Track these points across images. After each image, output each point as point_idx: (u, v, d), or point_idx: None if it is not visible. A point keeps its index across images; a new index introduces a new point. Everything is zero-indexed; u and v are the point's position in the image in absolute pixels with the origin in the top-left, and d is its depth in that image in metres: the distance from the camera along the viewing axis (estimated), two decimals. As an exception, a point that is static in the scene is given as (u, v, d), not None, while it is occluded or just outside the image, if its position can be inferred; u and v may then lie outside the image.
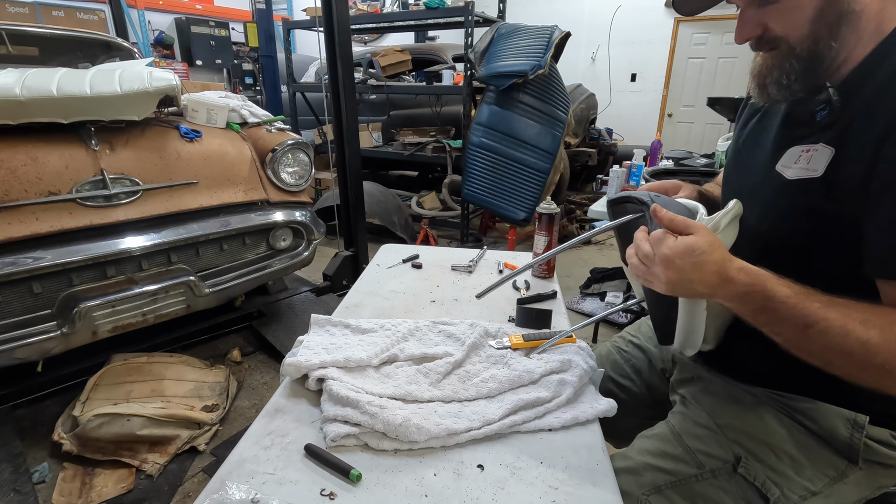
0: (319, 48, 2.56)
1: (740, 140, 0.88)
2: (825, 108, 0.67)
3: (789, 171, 0.71)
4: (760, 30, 0.69)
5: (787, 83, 0.69)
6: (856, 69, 0.66)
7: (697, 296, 0.66)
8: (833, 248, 0.67)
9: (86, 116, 1.63)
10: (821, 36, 0.65)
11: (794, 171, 0.70)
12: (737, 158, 0.87)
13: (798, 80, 0.68)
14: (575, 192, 5.18)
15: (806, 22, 0.65)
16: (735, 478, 0.72)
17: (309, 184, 2.28)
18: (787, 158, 0.72)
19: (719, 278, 0.62)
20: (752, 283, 0.62)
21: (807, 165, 0.68)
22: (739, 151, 0.87)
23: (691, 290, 0.64)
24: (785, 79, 0.69)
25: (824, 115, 0.67)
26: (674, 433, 0.80)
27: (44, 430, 1.72)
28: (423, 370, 0.85)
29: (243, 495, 0.61)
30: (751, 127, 0.86)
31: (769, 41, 0.70)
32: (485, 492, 0.63)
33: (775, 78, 0.70)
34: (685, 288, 0.64)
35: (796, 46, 0.67)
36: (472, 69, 3.56)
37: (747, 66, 6.28)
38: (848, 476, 0.71)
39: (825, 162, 0.66)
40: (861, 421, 0.71)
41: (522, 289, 1.23)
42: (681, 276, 0.62)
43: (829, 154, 0.66)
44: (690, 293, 0.66)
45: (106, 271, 1.70)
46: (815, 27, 0.65)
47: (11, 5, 4.79)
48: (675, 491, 0.73)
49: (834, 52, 0.66)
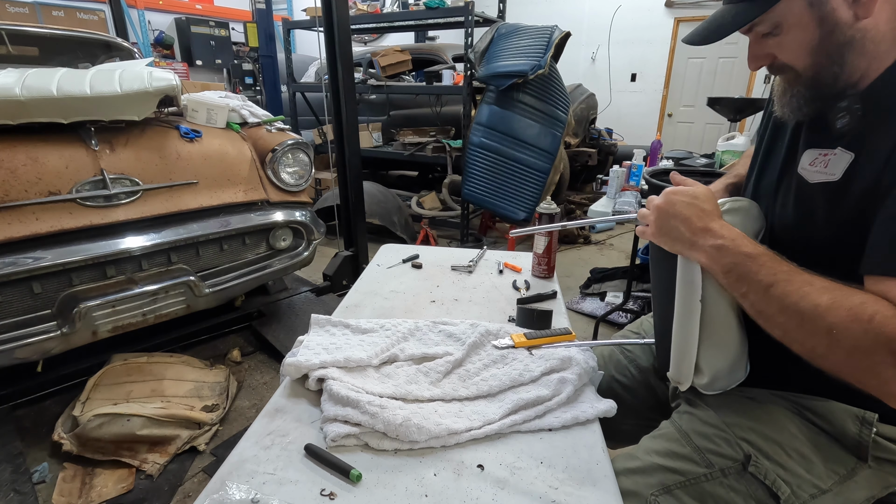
0: (319, 48, 2.56)
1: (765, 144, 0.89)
2: (845, 116, 0.69)
3: (809, 174, 0.73)
4: (769, 59, 0.74)
5: (797, 106, 0.74)
6: (877, 80, 0.68)
7: (679, 239, 0.72)
8: (853, 252, 0.67)
9: (86, 116, 1.63)
10: (823, 64, 0.69)
11: (814, 174, 0.72)
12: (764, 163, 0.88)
13: (807, 104, 0.73)
14: (575, 192, 5.18)
15: (807, 53, 0.69)
16: (745, 476, 0.72)
17: (309, 184, 2.28)
18: (805, 160, 0.74)
19: (702, 224, 0.70)
20: (730, 237, 0.68)
21: (824, 169, 0.71)
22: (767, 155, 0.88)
23: (675, 228, 0.72)
24: (795, 102, 0.74)
25: (844, 123, 0.70)
26: (681, 433, 0.79)
27: (44, 430, 1.73)
28: (423, 369, 0.85)
29: (243, 495, 0.61)
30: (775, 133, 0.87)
31: (779, 68, 0.74)
32: (485, 492, 0.63)
33: (787, 101, 0.75)
34: (669, 225, 0.72)
35: (802, 73, 0.71)
36: (472, 69, 3.56)
37: (747, 66, 6.29)
38: (857, 474, 0.72)
39: (843, 167, 0.68)
40: (870, 418, 0.71)
41: (522, 289, 1.23)
42: (670, 208, 0.72)
43: (849, 159, 0.68)
44: (673, 233, 0.72)
45: (106, 271, 1.70)
46: (816, 58, 0.69)
47: (11, 5, 4.79)
48: (684, 491, 0.73)
49: (845, 73, 0.69)
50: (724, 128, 5.64)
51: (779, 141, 0.85)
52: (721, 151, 2.43)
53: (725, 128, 5.44)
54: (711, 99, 2.88)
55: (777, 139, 0.86)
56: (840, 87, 0.70)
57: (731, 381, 0.78)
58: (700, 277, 0.72)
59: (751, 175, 0.91)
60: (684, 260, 0.74)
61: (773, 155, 0.85)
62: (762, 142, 0.89)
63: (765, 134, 0.90)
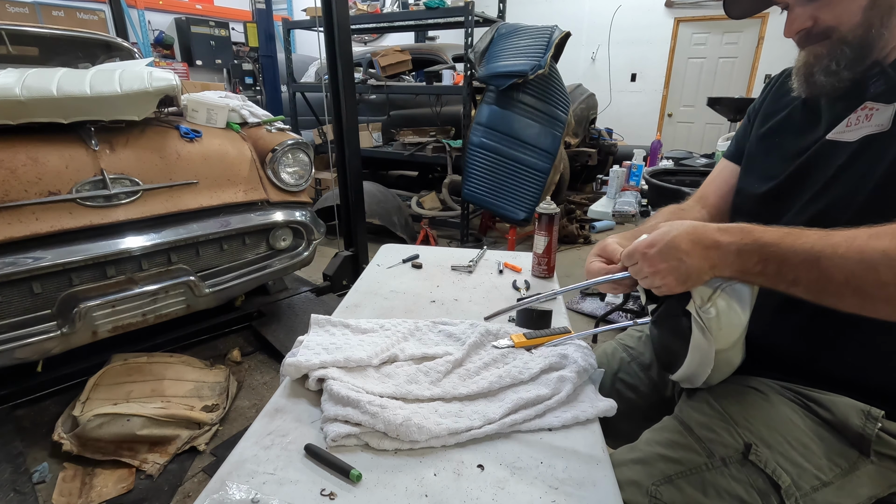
0: (319, 48, 2.56)
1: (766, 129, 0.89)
2: (879, 79, 0.69)
3: (850, 134, 0.71)
4: (811, 22, 0.71)
5: (836, 69, 0.71)
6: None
7: (702, 273, 0.66)
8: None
9: (86, 116, 1.63)
10: (873, 23, 0.68)
11: (855, 132, 0.71)
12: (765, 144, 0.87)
13: (847, 67, 0.71)
14: (575, 192, 5.18)
15: (859, 10, 0.68)
16: (746, 465, 0.71)
17: (309, 184, 2.28)
18: (840, 126, 0.73)
19: (702, 246, 0.64)
20: (739, 236, 0.63)
21: (868, 122, 0.69)
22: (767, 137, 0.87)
23: (688, 267, 0.64)
24: (835, 65, 0.71)
25: (879, 85, 0.69)
26: (682, 424, 0.79)
27: (44, 430, 1.72)
28: (423, 369, 0.85)
29: (243, 495, 0.61)
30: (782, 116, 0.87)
31: (819, 33, 0.72)
32: (485, 492, 0.63)
33: (824, 66, 0.72)
34: (682, 272, 0.65)
35: (848, 34, 0.69)
36: (472, 69, 3.56)
37: (747, 66, 6.31)
38: (859, 468, 0.71)
39: (890, 116, 0.67)
40: (876, 413, 0.71)
41: (522, 289, 1.23)
42: (667, 260, 0.65)
43: (893, 109, 0.67)
44: (691, 272, 0.65)
45: (106, 271, 1.70)
46: (867, 15, 0.68)
47: (11, 5, 4.79)
48: (685, 480, 0.73)
49: (884, 39, 0.68)
50: (724, 128, 5.64)
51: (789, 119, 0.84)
52: (721, 151, 2.43)
53: (725, 128, 5.45)
54: (711, 99, 2.88)
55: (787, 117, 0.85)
56: (876, 54, 0.70)
57: (730, 369, 0.79)
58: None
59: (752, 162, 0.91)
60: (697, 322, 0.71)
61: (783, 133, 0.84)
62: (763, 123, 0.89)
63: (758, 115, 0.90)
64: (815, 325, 0.76)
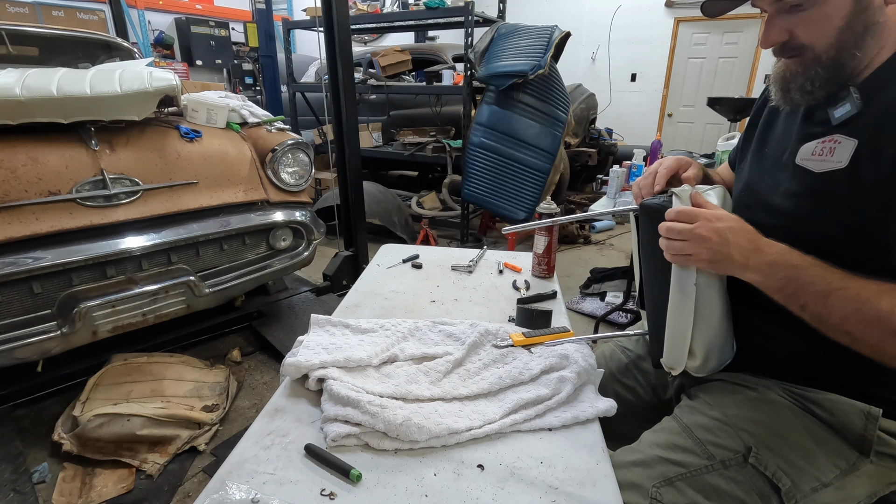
0: (319, 48, 2.56)
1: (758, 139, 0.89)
2: (845, 105, 0.70)
3: (815, 164, 0.73)
4: (787, 36, 0.72)
5: (810, 89, 0.72)
6: (877, 71, 0.69)
7: (733, 264, 0.70)
8: (860, 238, 0.68)
9: (86, 116, 1.63)
10: (846, 45, 0.68)
11: (819, 163, 0.72)
12: (759, 159, 0.87)
13: (821, 87, 0.72)
14: (575, 192, 5.18)
15: (833, 31, 0.68)
16: (746, 468, 0.72)
17: (309, 184, 2.28)
18: (805, 151, 0.74)
19: (753, 245, 0.68)
20: (779, 252, 0.68)
21: (830, 157, 0.70)
22: (761, 151, 0.87)
23: (728, 255, 0.69)
24: (809, 85, 0.72)
25: (844, 113, 0.70)
26: (683, 426, 0.80)
27: (44, 430, 1.73)
28: (423, 369, 0.85)
29: (243, 495, 0.61)
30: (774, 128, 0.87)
31: (793, 48, 0.72)
32: (485, 492, 0.63)
33: (799, 84, 0.73)
34: (723, 253, 0.68)
35: (822, 54, 0.70)
36: (472, 69, 3.56)
37: (747, 66, 6.31)
38: (859, 469, 0.72)
39: (849, 153, 0.68)
40: (875, 413, 0.71)
41: (522, 289, 1.23)
42: (719, 237, 0.68)
43: (853, 146, 0.68)
44: (726, 260, 0.69)
45: (106, 271, 1.70)
46: (841, 37, 0.68)
47: (11, 5, 4.79)
48: (685, 483, 0.73)
49: (857, 60, 0.69)
50: (724, 128, 5.64)
51: (772, 132, 0.85)
52: (721, 151, 2.43)
53: (725, 128, 5.45)
54: (711, 99, 2.88)
55: (770, 128, 0.86)
56: (849, 73, 0.70)
57: (721, 362, 0.80)
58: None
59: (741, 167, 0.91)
60: None
61: (766, 146, 0.85)
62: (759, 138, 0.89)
63: (757, 124, 0.90)
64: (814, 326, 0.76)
